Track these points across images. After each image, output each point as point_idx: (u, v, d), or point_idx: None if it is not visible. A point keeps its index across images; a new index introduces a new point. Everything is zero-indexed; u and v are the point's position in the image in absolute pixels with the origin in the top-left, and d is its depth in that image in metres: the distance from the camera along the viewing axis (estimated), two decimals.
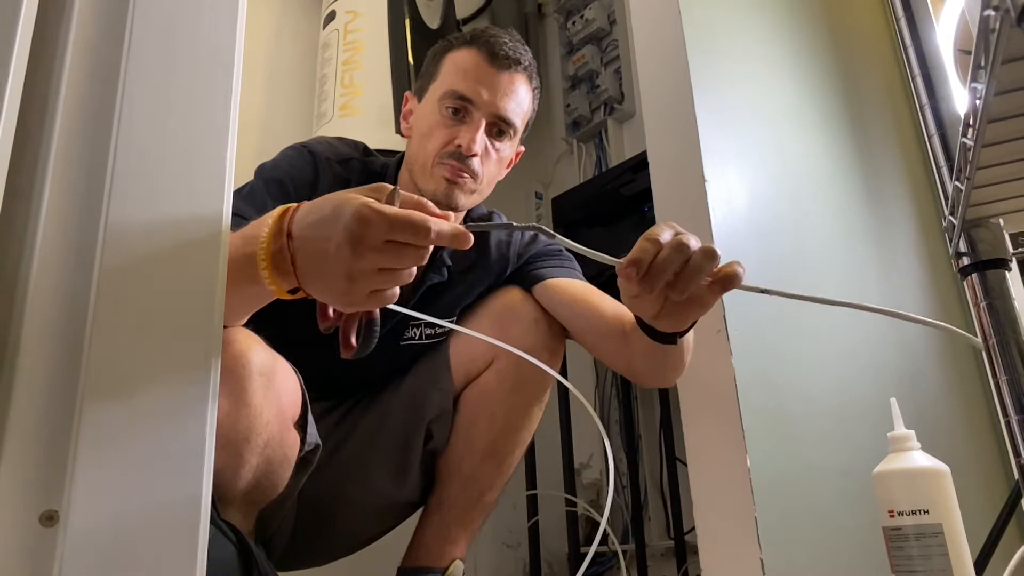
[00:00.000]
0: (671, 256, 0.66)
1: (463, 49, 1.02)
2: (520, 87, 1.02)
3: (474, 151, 0.98)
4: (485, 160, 1.00)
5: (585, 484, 1.93)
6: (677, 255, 0.66)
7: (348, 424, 1.09)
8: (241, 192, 0.97)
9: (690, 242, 0.67)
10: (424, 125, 1.02)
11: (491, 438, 1.08)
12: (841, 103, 1.47)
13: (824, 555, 1.02)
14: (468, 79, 0.99)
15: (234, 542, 0.79)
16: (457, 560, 1.08)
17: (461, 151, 0.98)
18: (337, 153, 1.05)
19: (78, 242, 0.48)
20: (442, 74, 1.02)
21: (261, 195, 0.95)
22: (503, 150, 1.03)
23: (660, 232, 0.67)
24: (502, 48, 1.00)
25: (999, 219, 0.87)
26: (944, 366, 1.42)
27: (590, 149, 2.21)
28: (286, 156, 1.03)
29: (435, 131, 1.00)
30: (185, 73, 0.55)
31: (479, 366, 1.09)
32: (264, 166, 1.01)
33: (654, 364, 0.94)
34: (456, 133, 0.99)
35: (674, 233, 0.67)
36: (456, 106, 0.99)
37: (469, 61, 1.01)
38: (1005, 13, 0.51)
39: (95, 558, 0.44)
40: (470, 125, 0.99)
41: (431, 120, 1.01)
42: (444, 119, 1.00)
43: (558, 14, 2.36)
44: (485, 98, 0.99)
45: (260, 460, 0.82)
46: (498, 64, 1.00)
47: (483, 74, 1.00)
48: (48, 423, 0.45)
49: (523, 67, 1.03)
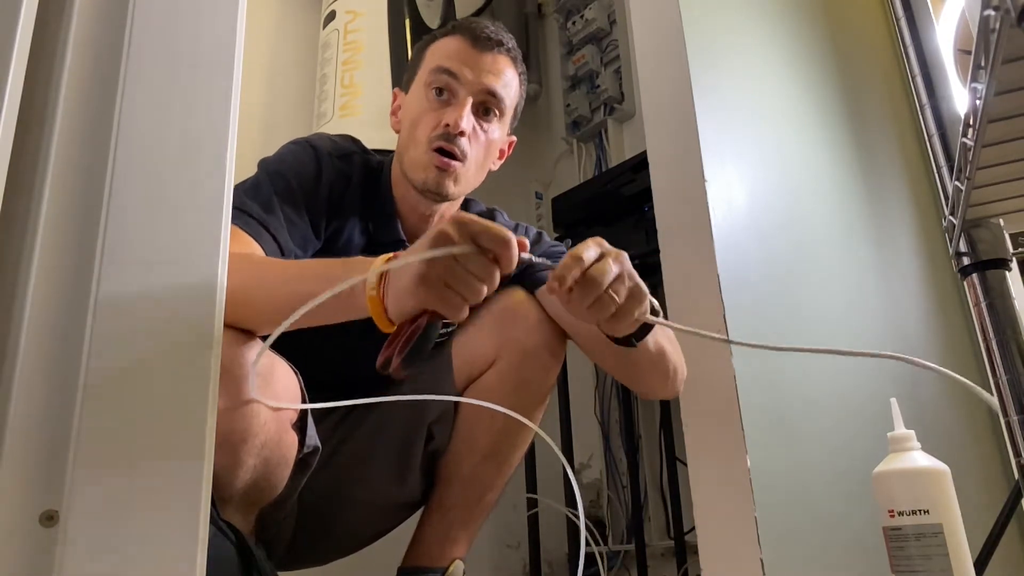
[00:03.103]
0: (592, 281, 0.70)
1: (445, 38, 1.04)
2: (505, 68, 1.03)
3: (461, 127, 0.98)
4: (473, 140, 1.01)
5: (585, 484, 1.94)
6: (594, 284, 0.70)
7: (349, 424, 1.09)
8: (244, 186, 0.97)
9: (610, 268, 0.71)
10: (412, 112, 1.03)
11: (492, 438, 1.07)
12: (841, 103, 1.47)
13: (824, 555, 1.02)
14: (450, 58, 1.01)
15: (233, 542, 0.79)
16: (457, 560, 1.08)
17: (449, 130, 0.98)
18: (338, 148, 1.05)
19: (78, 242, 0.48)
20: (425, 61, 1.04)
21: (267, 189, 0.96)
22: (491, 131, 1.03)
23: (584, 250, 0.71)
24: (483, 31, 1.02)
25: (999, 219, 0.87)
26: (944, 366, 1.41)
27: (590, 149, 2.21)
28: (289, 151, 1.03)
29: (423, 116, 1.01)
30: (185, 72, 0.55)
31: (480, 366, 1.09)
32: (267, 160, 1.01)
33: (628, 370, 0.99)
34: (443, 115, 0.99)
35: (598, 254, 0.72)
36: (441, 84, 1.00)
37: (451, 46, 1.02)
38: (1005, 13, 0.51)
39: (95, 558, 0.44)
40: (456, 105, 0.99)
41: (418, 107, 1.02)
42: (430, 102, 1.00)
43: (558, 14, 2.36)
44: (470, 77, 1.00)
45: (257, 461, 0.82)
46: (481, 45, 1.01)
47: (467, 55, 1.01)
48: (48, 423, 0.45)
49: (506, 49, 1.04)
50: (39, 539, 0.43)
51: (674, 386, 0.98)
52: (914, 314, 1.42)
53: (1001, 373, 0.82)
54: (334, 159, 1.03)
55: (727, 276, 1.03)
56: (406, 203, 1.05)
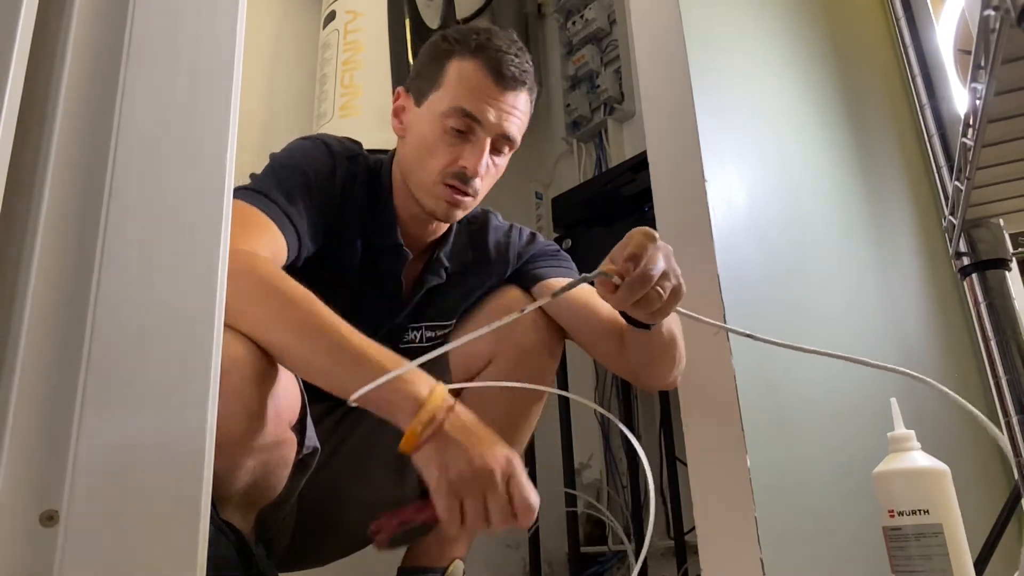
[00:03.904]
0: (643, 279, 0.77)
1: (468, 60, 0.98)
2: (524, 104, 1.01)
3: (479, 174, 0.98)
4: (485, 176, 1.01)
5: (585, 484, 1.94)
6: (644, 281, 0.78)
7: (348, 424, 1.09)
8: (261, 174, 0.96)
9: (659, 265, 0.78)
10: (424, 137, 1.00)
11: None
12: (841, 103, 1.47)
13: (824, 555, 1.02)
14: (474, 98, 0.97)
15: (233, 541, 0.79)
16: (457, 560, 1.08)
17: (466, 173, 0.97)
18: (346, 148, 1.04)
19: (78, 242, 0.48)
20: (445, 84, 0.99)
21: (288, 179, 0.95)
22: (502, 163, 1.03)
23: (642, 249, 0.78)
24: (509, 67, 0.98)
25: (999, 219, 0.88)
26: (944, 366, 1.42)
27: (590, 149, 2.21)
28: (301, 146, 1.02)
29: (438, 148, 0.98)
30: (185, 73, 0.55)
31: (478, 364, 1.09)
32: (280, 155, 1.00)
33: (640, 354, 0.99)
34: (460, 153, 0.97)
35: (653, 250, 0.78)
36: (461, 127, 0.97)
37: (474, 78, 0.97)
38: (1005, 13, 0.51)
39: (95, 558, 0.44)
40: (475, 146, 0.97)
41: (433, 135, 0.99)
42: (447, 136, 0.98)
43: (558, 14, 2.36)
44: (492, 120, 0.97)
45: (256, 463, 0.82)
46: (504, 84, 0.98)
47: (489, 93, 0.97)
48: (48, 423, 0.45)
49: (527, 85, 1.01)
50: (39, 539, 0.43)
51: (677, 374, 1.01)
52: (914, 314, 1.42)
53: (1001, 373, 0.82)
54: (344, 159, 1.03)
55: (727, 276, 1.03)
56: (406, 211, 1.05)
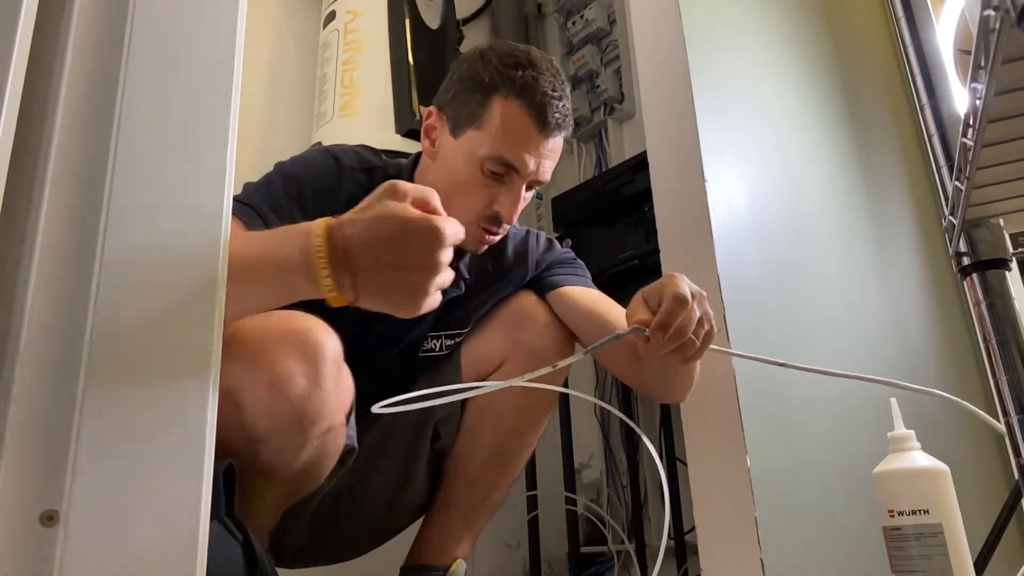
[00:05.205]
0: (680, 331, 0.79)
1: (513, 102, 0.96)
2: (560, 144, 1.01)
3: (513, 221, 1.00)
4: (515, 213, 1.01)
5: (585, 484, 1.93)
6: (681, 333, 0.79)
7: (359, 428, 1.09)
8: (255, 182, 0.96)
9: (694, 316, 0.79)
10: (459, 173, 0.98)
11: (498, 439, 1.08)
12: (841, 103, 1.47)
13: (824, 555, 1.02)
14: (517, 146, 0.95)
15: (240, 541, 0.79)
16: (459, 559, 1.09)
17: (502, 218, 0.98)
18: (362, 162, 1.03)
19: (78, 242, 0.48)
20: (487, 126, 0.96)
21: (276, 189, 0.95)
22: (529, 197, 1.03)
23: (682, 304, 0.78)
24: (554, 114, 0.96)
25: (999, 219, 0.87)
26: (944, 366, 1.42)
27: (590, 149, 2.21)
28: (309, 157, 1.02)
29: (474, 190, 0.97)
30: (185, 73, 0.55)
31: (489, 367, 1.09)
32: (284, 163, 1.00)
33: (666, 380, 1.00)
34: (495, 195, 0.97)
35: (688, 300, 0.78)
36: (500, 172, 0.96)
37: (518, 125, 0.95)
38: (1005, 13, 0.51)
39: (95, 558, 0.44)
40: (511, 189, 0.97)
41: (468, 174, 0.97)
42: (484, 179, 0.97)
43: (558, 14, 2.36)
44: (531, 168, 0.96)
45: (317, 445, 0.84)
46: (547, 132, 0.97)
47: (531, 141, 0.96)
48: (48, 423, 0.45)
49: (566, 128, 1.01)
50: (39, 539, 0.43)
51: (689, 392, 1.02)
52: (914, 314, 1.42)
53: (1001, 373, 0.82)
54: (356, 173, 1.01)
55: (727, 276, 1.03)
56: None
